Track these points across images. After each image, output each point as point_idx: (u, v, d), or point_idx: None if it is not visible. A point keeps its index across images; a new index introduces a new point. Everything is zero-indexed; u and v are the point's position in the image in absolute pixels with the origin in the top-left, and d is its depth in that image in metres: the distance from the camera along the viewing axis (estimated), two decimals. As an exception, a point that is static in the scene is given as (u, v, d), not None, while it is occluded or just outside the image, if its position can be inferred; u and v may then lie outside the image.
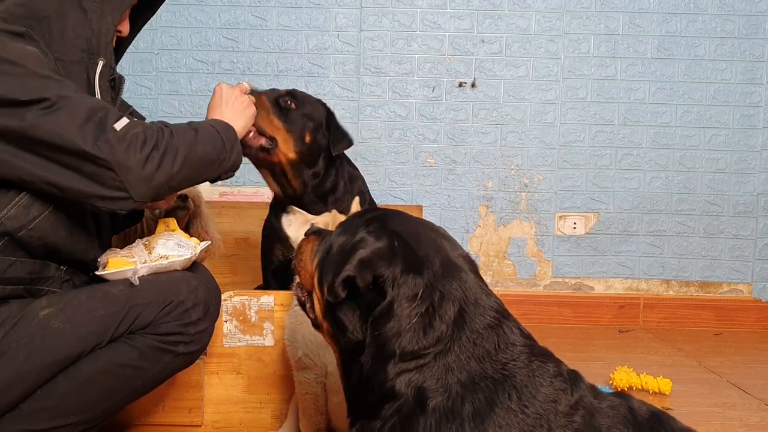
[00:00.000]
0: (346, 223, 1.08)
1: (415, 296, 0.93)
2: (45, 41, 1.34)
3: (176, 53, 3.08)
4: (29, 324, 1.29)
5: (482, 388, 0.89)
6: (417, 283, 0.93)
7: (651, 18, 3.10)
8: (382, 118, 3.11)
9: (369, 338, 0.94)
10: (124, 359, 1.35)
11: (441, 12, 3.09)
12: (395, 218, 1.03)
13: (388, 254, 0.95)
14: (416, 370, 0.91)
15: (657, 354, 2.66)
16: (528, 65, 3.11)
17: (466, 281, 0.97)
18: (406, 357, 0.91)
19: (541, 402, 0.89)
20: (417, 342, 0.91)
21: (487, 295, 0.99)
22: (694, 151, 3.13)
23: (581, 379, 0.96)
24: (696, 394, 2.19)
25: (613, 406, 0.93)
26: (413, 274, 0.94)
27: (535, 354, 0.95)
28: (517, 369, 0.91)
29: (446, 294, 0.94)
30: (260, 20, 3.08)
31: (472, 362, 0.91)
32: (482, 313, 0.95)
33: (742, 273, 3.16)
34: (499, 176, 3.14)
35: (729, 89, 3.11)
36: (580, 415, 0.90)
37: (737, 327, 3.10)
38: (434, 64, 3.10)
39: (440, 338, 0.92)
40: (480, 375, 0.90)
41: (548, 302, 3.13)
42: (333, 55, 3.09)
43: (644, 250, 3.16)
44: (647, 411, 0.95)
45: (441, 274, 0.95)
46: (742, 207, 3.14)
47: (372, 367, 0.94)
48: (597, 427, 0.90)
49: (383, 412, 0.92)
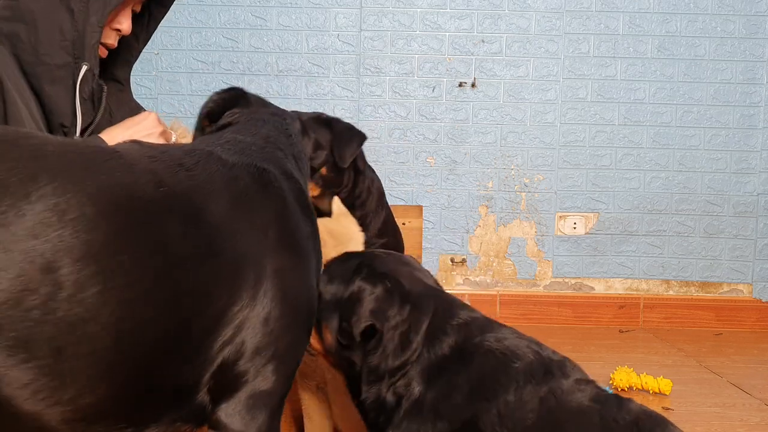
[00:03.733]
0: (332, 272, 1.19)
1: (398, 324, 1.08)
2: (31, 44, 1.32)
3: (176, 53, 3.08)
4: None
5: (445, 376, 1.04)
6: (402, 312, 1.09)
7: (651, 18, 3.10)
8: (382, 118, 3.11)
9: (365, 368, 1.09)
10: None
11: (441, 12, 3.09)
12: (378, 261, 1.18)
13: (388, 298, 1.10)
14: (400, 380, 1.07)
15: (657, 354, 2.66)
16: (528, 65, 3.11)
17: (438, 297, 1.14)
18: (393, 374, 1.07)
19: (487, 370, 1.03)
20: (399, 359, 1.07)
21: (455, 303, 1.15)
22: (694, 151, 3.13)
23: (554, 374, 1.02)
24: (696, 394, 2.19)
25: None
26: (401, 305, 1.10)
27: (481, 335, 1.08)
28: (474, 358, 1.05)
29: (421, 311, 1.10)
30: (260, 20, 3.08)
31: (438, 358, 1.06)
32: (452, 313, 1.11)
33: (742, 273, 3.16)
34: (499, 176, 3.14)
35: (729, 89, 3.11)
36: (541, 412, 0.97)
37: (737, 327, 3.10)
38: (434, 64, 3.10)
39: (416, 349, 1.07)
40: (444, 365, 1.05)
41: (548, 302, 3.13)
42: (333, 55, 3.09)
43: (644, 250, 3.16)
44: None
45: (419, 298, 1.11)
46: (742, 207, 3.14)
47: (369, 388, 1.09)
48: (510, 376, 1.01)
49: (381, 421, 1.09)
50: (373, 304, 1.09)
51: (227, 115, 1.23)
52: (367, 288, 1.11)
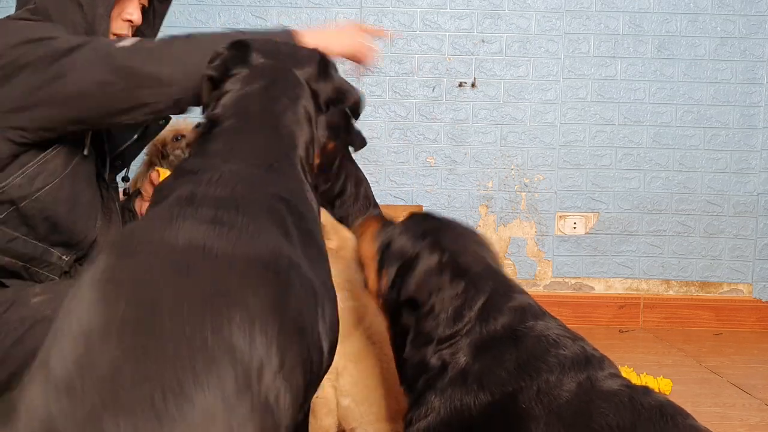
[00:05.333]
0: (408, 225, 1.27)
1: (450, 297, 1.15)
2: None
3: (176, 53, 3.08)
4: (21, 309, 1.31)
5: (493, 351, 1.10)
6: (455, 287, 1.16)
7: (651, 18, 3.10)
8: (382, 118, 3.11)
9: (414, 329, 1.17)
10: None
11: (441, 12, 3.09)
12: (446, 232, 1.25)
13: (437, 270, 1.17)
14: (448, 348, 1.13)
15: (657, 354, 2.66)
16: (528, 65, 3.11)
17: (497, 279, 1.20)
18: (442, 342, 1.14)
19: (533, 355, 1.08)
20: (449, 330, 1.13)
21: (514, 288, 1.20)
22: (694, 151, 3.13)
23: (597, 365, 1.08)
24: (696, 394, 2.19)
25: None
26: (454, 280, 1.16)
27: (536, 327, 1.13)
28: (526, 339, 1.10)
29: (477, 289, 1.16)
30: (260, 20, 3.07)
31: (490, 335, 1.12)
32: (510, 297, 1.16)
33: (742, 273, 3.16)
34: (499, 176, 3.14)
35: (729, 89, 3.11)
36: (577, 392, 1.02)
37: (737, 327, 3.10)
38: (434, 64, 3.10)
39: (468, 323, 1.13)
40: (494, 341, 1.11)
41: (548, 302, 3.11)
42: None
43: (644, 250, 3.16)
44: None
45: (476, 276, 1.18)
46: (742, 207, 3.14)
47: (414, 349, 1.17)
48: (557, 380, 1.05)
49: (420, 383, 1.15)
50: (421, 277, 1.17)
51: (221, 98, 1.11)
52: (423, 258, 1.18)
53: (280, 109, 1.11)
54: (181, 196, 0.84)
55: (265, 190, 0.93)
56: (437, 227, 1.26)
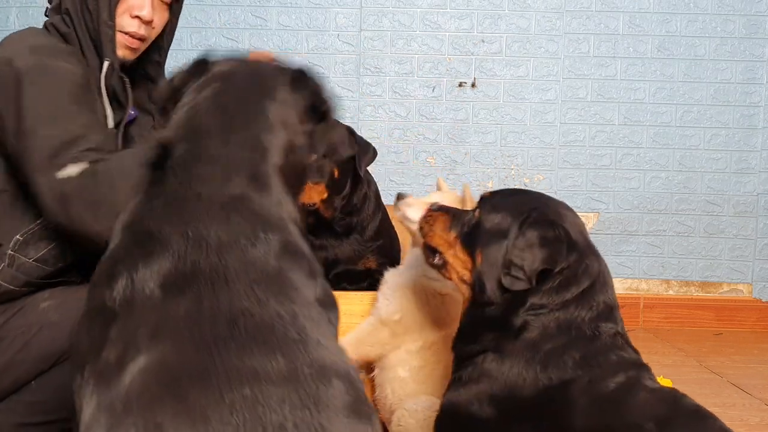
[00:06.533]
0: (495, 202, 1.26)
1: (560, 270, 1.15)
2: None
3: (176, 53, 3.03)
4: (29, 314, 1.32)
5: (568, 336, 1.12)
6: (568, 260, 1.16)
7: (651, 18, 3.10)
8: (382, 118, 3.11)
9: (508, 300, 1.16)
10: None
11: (441, 12, 3.09)
12: (547, 205, 1.24)
13: (558, 246, 1.16)
14: (535, 316, 1.14)
15: (657, 354, 2.66)
16: (528, 65, 3.11)
17: (599, 261, 1.21)
18: (535, 308, 1.14)
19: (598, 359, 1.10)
20: (548, 299, 1.14)
21: (608, 275, 1.22)
22: (694, 151, 3.13)
23: (647, 371, 1.14)
24: (696, 394, 2.16)
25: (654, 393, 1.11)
26: (568, 254, 1.16)
27: (619, 339, 1.16)
28: (601, 335, 1.13)
29: (588, 269, 1.17)
30: (260, 20, 3.08)
31: (576, 320, 1.13)
32: (606, 290, 1.18)
33: (742, 273, 3.16)
34: (499, 176, 3.14)
35: (729, 89, 3.11)
36: (624, 384, 1.07)
37: (737, 327, 3.10)
38: (434, 64, 3.10)
39: (564, 300, 1.14)
40: (574, 328, 1.12)
41: (548, 302, 3.13)
42: (333, 55, 3.09)
43: (644, 250, 3.16)
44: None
45: (586, 253, 1.19)
46: (742, 207, 3.14)
47: (498, 311, 1.17)
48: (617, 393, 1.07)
49: (487, 340, 1.16)
50: (546, 253, 1.15)
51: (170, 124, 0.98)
52: (539, 232, 1.16)
53: (239, 115, 0.98)
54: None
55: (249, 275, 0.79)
56: (535, 202, 1.25)
